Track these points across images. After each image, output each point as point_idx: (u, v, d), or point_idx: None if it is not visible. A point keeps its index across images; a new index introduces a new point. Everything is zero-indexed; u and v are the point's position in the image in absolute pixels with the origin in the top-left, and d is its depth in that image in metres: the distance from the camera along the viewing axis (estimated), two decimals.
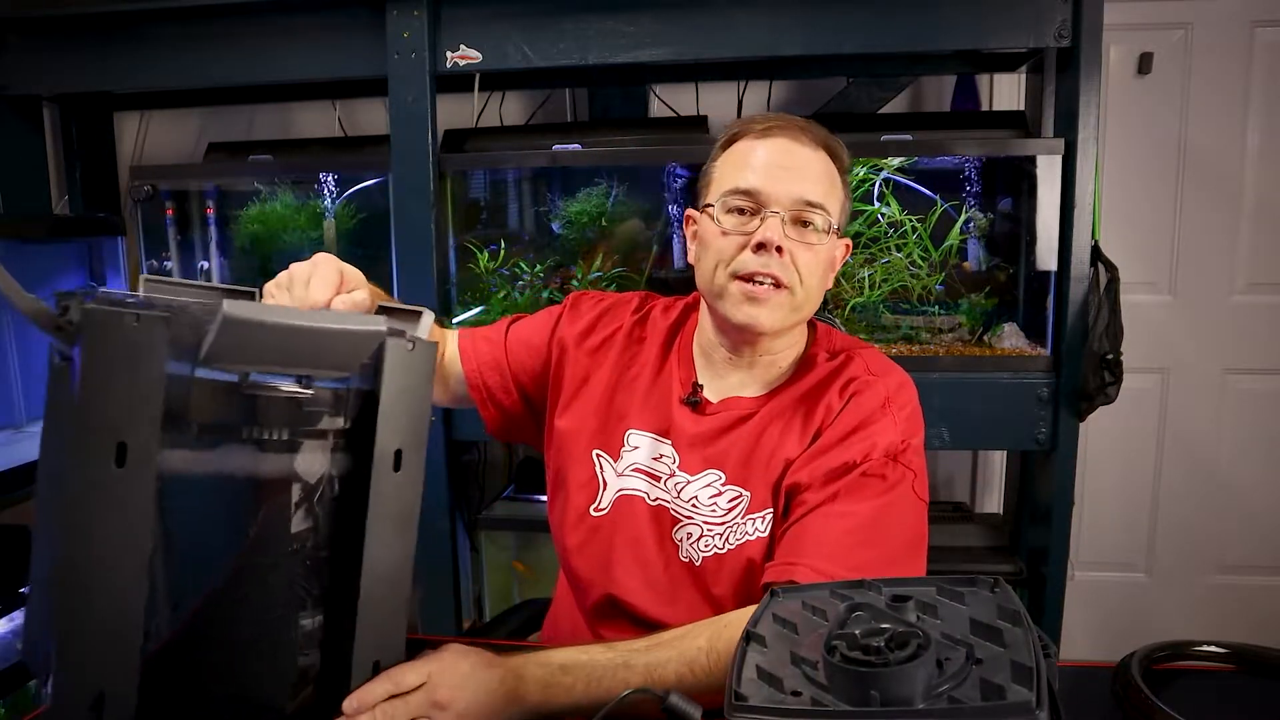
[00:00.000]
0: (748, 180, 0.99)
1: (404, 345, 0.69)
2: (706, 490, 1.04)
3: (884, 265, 1.83)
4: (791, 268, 0.98)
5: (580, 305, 1.19)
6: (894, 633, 0.60)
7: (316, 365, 0.66)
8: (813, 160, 1.01)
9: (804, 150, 1.01)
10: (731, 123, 1.09)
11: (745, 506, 1.02)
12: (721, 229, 1.00)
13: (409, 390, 0.70)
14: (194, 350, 0.61)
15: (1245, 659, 0.87)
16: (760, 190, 0.98)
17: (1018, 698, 0.54)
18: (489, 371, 1.17)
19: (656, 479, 1.07)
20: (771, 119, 1.03)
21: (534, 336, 1.18)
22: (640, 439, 1.09)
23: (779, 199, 0.98)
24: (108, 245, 2.22)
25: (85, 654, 0.58)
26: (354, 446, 0.70)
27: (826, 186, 1.01)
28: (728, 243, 0.99)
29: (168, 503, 0.61)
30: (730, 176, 1.01)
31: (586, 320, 1.16)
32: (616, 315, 1.17)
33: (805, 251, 0.99)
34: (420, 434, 0.71)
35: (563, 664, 0.83)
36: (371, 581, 0.69)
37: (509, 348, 1.18)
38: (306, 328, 0.63)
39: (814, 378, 1.05)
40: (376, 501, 0.69)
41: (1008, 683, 0.55)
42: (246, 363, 0.63)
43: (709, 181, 1.06)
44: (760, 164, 1.00)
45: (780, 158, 1.00)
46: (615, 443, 1.10)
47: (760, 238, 0.97)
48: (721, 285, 1.00)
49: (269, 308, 0.64)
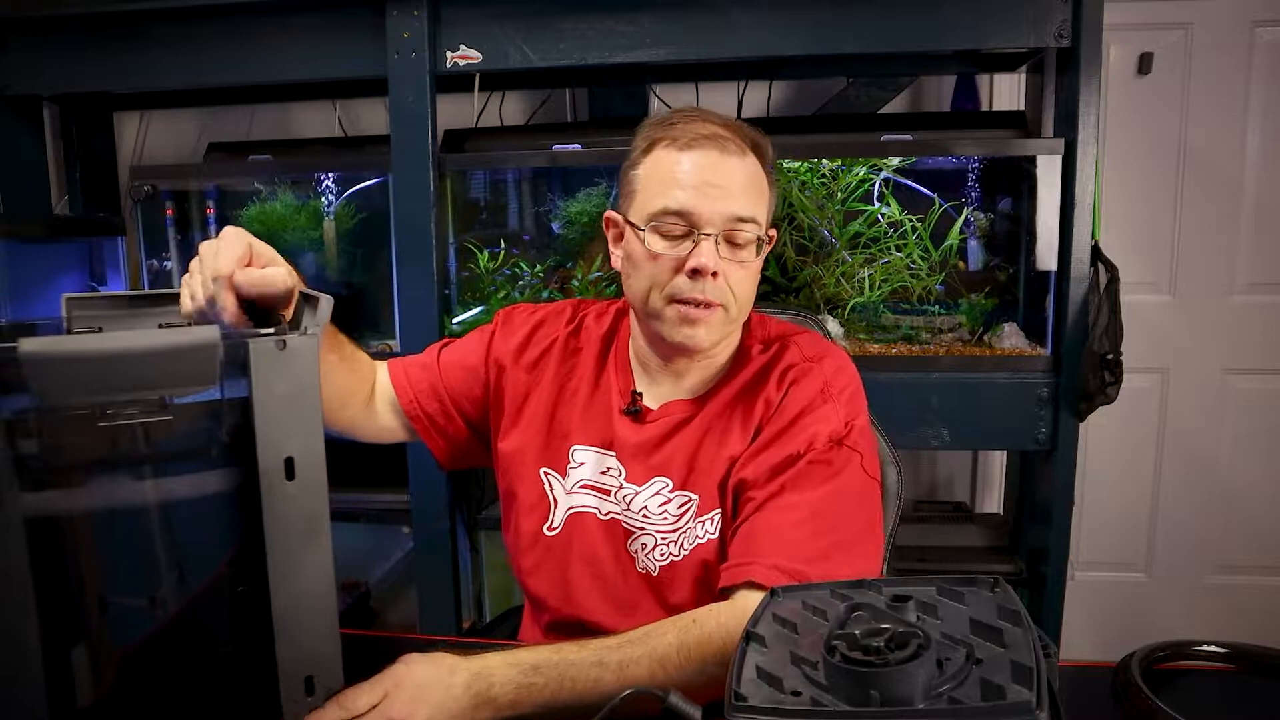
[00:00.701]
0: (677, 200, 0.95)
1: (272, 345, 0.64)
2: (655, 499, 1.03)
3: (884, 265, 1.83)
4: (726, 288, 0.97)
5: (513, 320, 1.17)
6: (894, 633, 0.59)
7: (157, 386, 0.61)
8: (740, 169, 0.98)
9: (731, 160, 0.97)
10: (649, 121, 1.04)
11: (694, 510, 1.01)
12: (652, 252, 0.97)
13: (292, 393, 0.65)
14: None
15: (1245, 659, 0.87)
16: (691, 211, 0.95)
17: (1018, 698, 0.54)
18: (426, 399, 1.14)
19: (606, 493, 1.06)
20: (694, 123, 0.99)
21: (468, 358, 1.15)
22: (585, 454, 1.07)
23: (710, 219, 0.95)
24: (108, 245, 2.22)
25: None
26: (249, 458, 0.66)
27: (755, 196, 0.99)
28: (660, 267, 0.97)
29: (49, 546, 0.59)
30: (657, 194, 0.97)
31: (520, 335, 1.14)
32: (550, 328, 1.15)
33: (738, 270, 0.98)
34: (314, 437, 0.67)
35: (535, 664, 0.81)
36: (284, 596, 0.66)
37: (444, 372, 1.15)
38: (117, 352, 0.59)
39: (749, 371, 1.05)
40: (273, 513, 0.65)
41: (1008, 683, 0.55)
42: (80, 394, 0.59)
43: (631, 191, 1.02)
44: (688, 180, 0.96)
45: (709, 174, 0.96)
46: (561, 460, 1.08)
47: (694, 264, 0.94)
48: (656, 308, 0.99)
49: (72, 339, 0.60)
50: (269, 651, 0.67)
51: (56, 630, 0.60)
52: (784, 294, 1.90)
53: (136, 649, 0.64)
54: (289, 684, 0.68)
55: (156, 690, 0.65)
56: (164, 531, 0.65)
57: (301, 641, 0.68)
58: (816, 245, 1.88)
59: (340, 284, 2.08)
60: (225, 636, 0.68)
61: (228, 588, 0.67)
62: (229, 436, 0.65)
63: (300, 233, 2.04)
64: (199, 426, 0.65)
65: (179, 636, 0.65)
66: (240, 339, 0.64)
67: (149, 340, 0.62)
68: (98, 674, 0.63)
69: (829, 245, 1.87)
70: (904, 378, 1.72)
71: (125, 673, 0.64)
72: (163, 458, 0.63)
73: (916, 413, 1.73)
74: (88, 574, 0.63)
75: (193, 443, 0.65)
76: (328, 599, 0.69)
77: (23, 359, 0.55)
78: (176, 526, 0.65)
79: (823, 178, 1.86)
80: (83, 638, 0.62)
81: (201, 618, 0.66)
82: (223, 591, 0.67)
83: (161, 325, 0.72)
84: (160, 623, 0.65)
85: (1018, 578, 1.87)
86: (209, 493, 0.65)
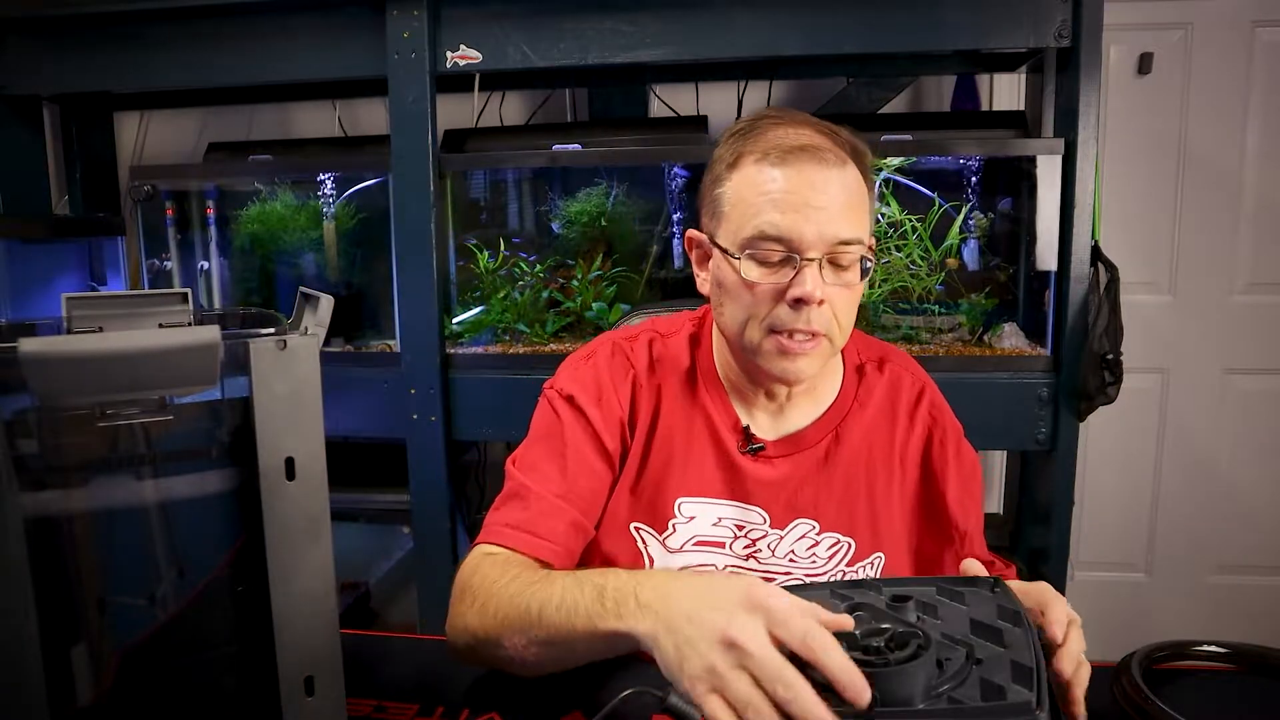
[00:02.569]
0: (774, 225, 0.86)
1: (272, 345, 0.63)
2: (802, 543, 0.97)
3: (884, 265, 1.83)
4: (830, 317, 0.89)
5: (587, 400, 0.98)
6: (894, 633, 0.60)
7: (157, 386, 0.61)
8: (841, 184, 0.88)
9: (831, 174, 0.87)
10: (732, 130, 0.94)
11: (848, 553, 0.97)
12: (749, 281, 0.88)
13: (292, 393, 0.64)
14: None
15: (1245, 659, 0.87)
16: (790, 236, 0.86)
17: (1018, 698, 0.54)
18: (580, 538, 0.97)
19: (721, 545, 0.97)
20: (784, 130, 0.90)
21: (595, 465, 0.97)
22: (696, 507, 0.97)
23: (813, 243, 0.86)
24: (108, 245, 2.23)
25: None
26: (249, 458, 0.65)
27: (859, 212, 0.89)
28: (758, 297, 0.88)
29: (49, 546, 0.59)
30: (750, 217, 0.88)
31: (613, 405, 0.99)
32: (619, 380, 1.00)
33: (843, 294, 0.89)
34: (314, 436, 0.66)
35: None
36: (284, 596, 0.66)
37: (585, 509, 0.96)
38: (117, 352, 0.59)
39: (876, 398, 1.01)
40: (273, 513, 0.65)
41: (1008, 683, 0.55)
42: (80, 394, 0.59)
43: (719, 211, 0.92)
44: (786, 202, 0.86)
45: (809, 193, 0.86)
46: (661, 515, 0.97)
47: (798, 293, 0.86)
48: (754, 341, 0.90)
49: (72, 339, 0.60)
50: (269, 651, 0.66)
51: (56, 630, 0.60)
52: None
53: (136, 649, 0.64)
54: (289, 684, 0.67)
55: (156, 690, 0.65)
56: (164, 531, 0.65)
57: (301, 641, 0.67)
58: None
59: (340, 284, 2.08)
60: (225, 636, 0.67)
61: (228, 588, 0.67)
62: (229, 436, 0.65)
63: (300, 233, 2.04)
64: (199, 426, 0.65)
65: (179, 636, 0.65)
66: (240, 339, 0.64)
67: (149, 340, 0.61)
68: (97, 674, 0.63)
69: None
70: None
71: (125, 673, 0.64)
72: (163, 458, 0.63)
73: None
74: (87, 574, 0.63)
75: (193, 443, 0.65)
76: (328, 599, 0.68)
77: (23, 359, 0.55)
78: (176, 526, 0.65)
79: None
80: (82, 637, 0.62)
81: (201, 618, 0.66)
82: (223, 591, 0.67)
83: (161, 325, 0.72)
84: (160, 623, 0.65)
85: (1018, 578, 1.86)
86: (209, 493, 0.65)
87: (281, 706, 0.67)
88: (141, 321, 0.67)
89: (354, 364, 1.93)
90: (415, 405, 1.84)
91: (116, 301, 0.70)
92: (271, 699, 0.67)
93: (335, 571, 0.69)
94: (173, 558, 0.65)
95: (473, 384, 1.85)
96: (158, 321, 0.73)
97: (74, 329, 0.67)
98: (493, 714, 0.82)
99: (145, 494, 0.63)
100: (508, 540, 0.92)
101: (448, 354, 1.86)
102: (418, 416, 1.84)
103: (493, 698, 0.85)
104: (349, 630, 0.74)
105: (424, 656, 0.98)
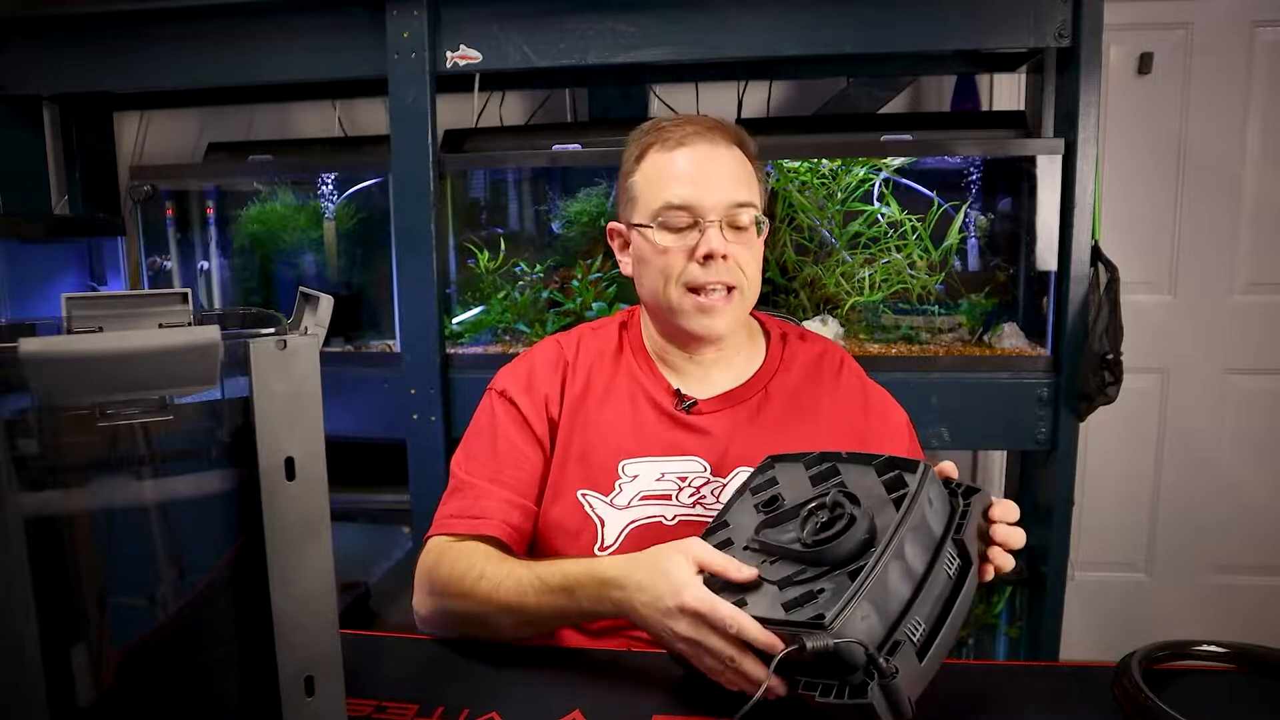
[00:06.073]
0: (678, 195, 1.02)
1: (272, 345, 0.63)
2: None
3: (884, 265, 1.83)
4: (737, 269, 1.03)
5: (516, 390, 1.11)
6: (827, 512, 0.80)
7: (157, 386, 0.61)
8: (731, 159, 1.05)
9: (721, 151, 1.04)
10: (636, 133, 1.10)
11: None
12: (661, 246, 1.04)
13: (292, 393, 0.64)
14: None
15: (1245, 659, 0.87)
16: (693, 202, 1.02)
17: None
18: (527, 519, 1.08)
19: (667, 498, 1.05)
20: (680, 123, 1.06)
21: (526, 448, 1.09)
22: (638, 466, 1.06)
23: (713, 207, 1.02)
24: (108, 245, 2.22)
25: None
26: (249, 458, 0.66)
27: (748, 181, 1.06)
28: (671, 259, 1.04)
29: (49, 546, 0.59)
30: (657, 192, 1.04)
31: (540, 390, 1.11)
32: (549, 368, 1.12)
33: (745, 250, 1.04)
34: (314, 437, 0.66)
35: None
36: (284, 596, 0.66)
37: (523, 490, 1.08)
38: (117, 352, 0.59)
39: (801, 360, 1.13)
40: (273, 513, 0.65)
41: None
42: (80, 394, 0.59)
43: (632, 197, 1.08)
44: (685, 175, 1.03)
45: (703, 166, 1.03)
46: (606, 479, 1.06)
47: (705, 249, 1.01)
48: (674, 300, 1.05)
49: (72, 339, 0.60)
50: (269, 651, 0.66)
51: (56, 630, 0.60)
52: (784, 294, 1.90)
53: (136, 649, 0.64)
54: (289, 684, 0.67)
55: (156, 690, 0.65)
56: (164, 531, 0.65)
57: (301, 641, 0.67)
58: (816, 245, 1.88)
59: (340, 284, 2.08)
60: (225, 636, 0.67)
61: (228, 588, 0.67)
62: (229, 436, 0.65)
63: (300, 233, 2.04)
64: (199, 426, 0.65)
65: (179, 636, 0.65)
66: (240, 339, 0.64)
67: (149, 340, 0.62)
68: (97, 674, 0.63)
69: (829, 245, 1.87)
70: (904, 378, 1.72)
71: (125, 673, 0.64)
72: (163, 458, 0.63)
73: (916, 413, 1.70)
74: (87, 574, 0.63)
75: (193, 443, 0.65)
76: (328, 599, 0.69)
77: (23, 359, 0.55)
78: (176, 526, 0.65)
79: (823, 178, 1.86)
80: (82, 637, 0.62)
81: (201, 618, 0.66)
82: (223, 591, 0.67)
83: (161, 325, 0.72)
84: (160, 623, 0.65)
85: (1018, 578, 1.87)
86: (209, 493, 0.65)
87: (281, 706, 0.67)
88: (141, 321, 0.67)
89: (354, 364, 1.93)
90: (415, 405, 1.84)
91: (116, 301, 0.69)
92: (271, 699, 0.67)
93: (335, 571, 0.69)
94: (173, 558, 0.65)
95: (473, 384, 1.85)
96: (158, 321, 0.73)
97: (74, 329, 0.67)
98: (493, 714, 0.82)
99: (145, 494, 0.63)
100: (453, 528, 1.07)
101: (448, 354, 1.86)
102: (418, 416, 1.84)
103: (493, 698, 0.85)
104: (349, 630, 0.74)
105: (424, 656, 0.98)
